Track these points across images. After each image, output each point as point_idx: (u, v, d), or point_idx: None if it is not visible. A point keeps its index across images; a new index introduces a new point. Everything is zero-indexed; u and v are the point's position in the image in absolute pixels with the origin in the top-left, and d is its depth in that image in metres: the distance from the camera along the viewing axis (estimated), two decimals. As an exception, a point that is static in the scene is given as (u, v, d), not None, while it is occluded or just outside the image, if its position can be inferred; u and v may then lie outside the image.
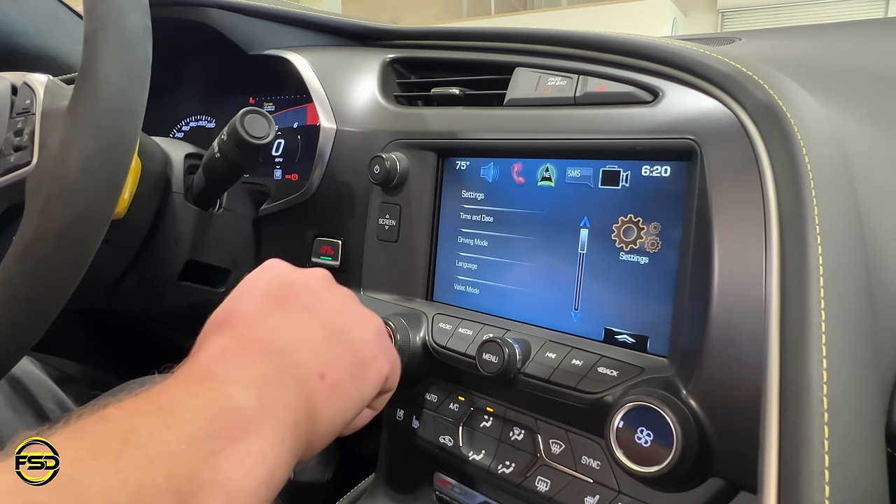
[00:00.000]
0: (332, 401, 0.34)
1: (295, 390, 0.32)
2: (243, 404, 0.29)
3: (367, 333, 0.40)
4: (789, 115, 0.36)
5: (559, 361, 0.45)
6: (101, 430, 0.25)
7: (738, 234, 0.37)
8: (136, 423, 0.26)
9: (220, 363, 0.32)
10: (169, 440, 0.25)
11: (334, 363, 0.35)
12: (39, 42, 0.92)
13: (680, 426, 0.36)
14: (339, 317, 0.39)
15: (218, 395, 0.29)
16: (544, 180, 0.50)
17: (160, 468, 0.24)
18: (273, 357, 0.34)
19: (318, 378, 0.34)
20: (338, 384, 0.35)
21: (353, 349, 0.37)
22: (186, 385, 0.30)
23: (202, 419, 0.27)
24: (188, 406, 0.28)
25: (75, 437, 0.24)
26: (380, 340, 0.41)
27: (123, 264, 0.62)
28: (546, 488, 0.46)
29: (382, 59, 0.65)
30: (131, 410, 0.27)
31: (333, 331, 0.38)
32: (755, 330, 0.35)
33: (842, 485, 0.27)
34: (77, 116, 0.41)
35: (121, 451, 0.24)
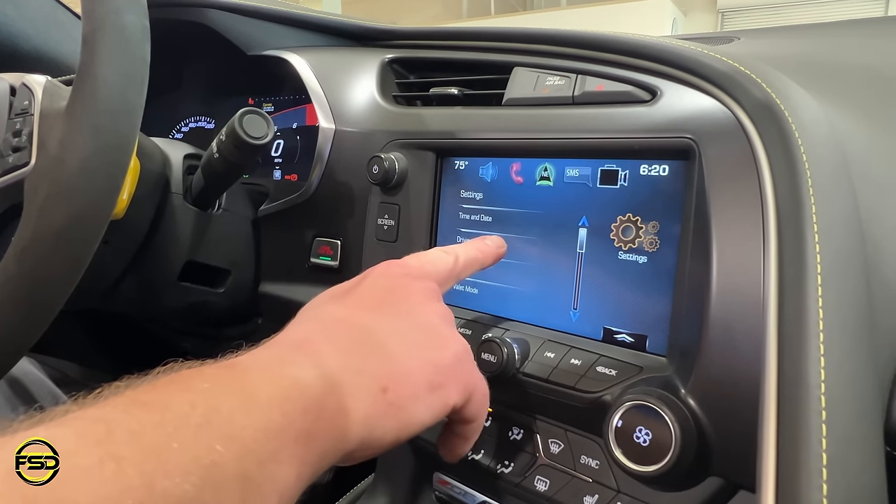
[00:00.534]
0: (387, 417, 0.33)
1: (357, 397, 0.32)
2: (314, 404, 0.29)
3: (444, 357, 0.37)
4: (787, 113, 0.36)
5: (558, 361, 0.45)
6: (188, 401, 0.25)
7: (737, 232, 0.37)
8: (220, 401, 0.26)
9: (301, 355, 0.32)
10: (246, 426, 0.26)
11: (399, 379, 0.34)
12: (39, 43, 0.92)
13: (678, 425, 0.36)
14: (419, 333, 0.37)
15: (295, 390, 0.29)
16: (543, 180, 0.50)
17: (233, 452, 0.25)
18: (346, 360, 0.33)
19: (379, 391, 0.33)
20: (397, 401, 0.33)
21: (421, 369, 0.36)
22: (268, 371, 0.30)
23: (277, 412, 0.27)
24: (267, 394, 0.28)
25: (162, 403, 0.25)
26: (456, 367, 0.38)
27: (122, 265, 0.62)
28: (545, 488, 0.46)
29: (381, 60, 0.65)
30: (217, 387, 0.27)
31: (408, 346, 0.36)
32: (753, 328, 0.35)
33: (840, 483, 0.27)
34: (75, 117, 0.41)
35: (201, 426, 0.24)
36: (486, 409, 0.41)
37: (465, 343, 0.40)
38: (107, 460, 0.21)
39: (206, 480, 0.23)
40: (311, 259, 0.65)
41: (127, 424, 0.23)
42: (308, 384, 0.30)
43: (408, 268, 0.42)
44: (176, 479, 0.22)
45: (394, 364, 0.35)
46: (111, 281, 0.62)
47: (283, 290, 0.69)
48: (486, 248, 0.47)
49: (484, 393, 0.41)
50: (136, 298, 0.65)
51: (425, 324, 0.38)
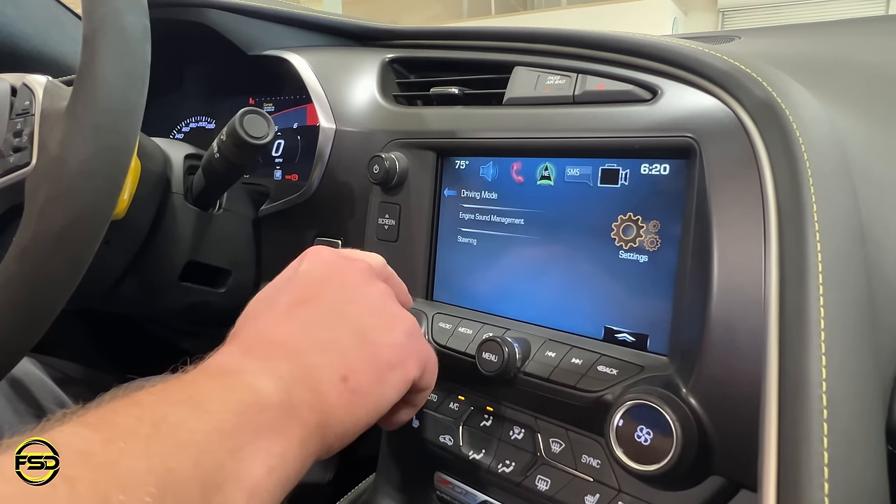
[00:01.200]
0: (353, 405, 0.34)
1: (318, 391, 0.32)
2: (270, 402, 0.29)
3: (396, 336, 0.38)
4: (788, 112, 0.36)
5: (559, 360, 0.45)
6: (133, 415, 0.25)
7: (738, 231, 0.37)
8: (166, 410, 0.26)
9: (250, 358, 0.32)
10: (197, 430, 0.26)
11: (358, 366, 0.35)
12: (39, 44, 0.92)
13: (680, 424, 0.36)
14: (367, 317, 0.38)
15: (247, 392, 0.29)
16: (543, 179, 0.50)
17: (188, 457, 0.24)
18: (298, 356, 0.33)
19: (340, 381, 0.33)
20: (359, 388, 0.34)
21: (378, 352, 0.36)
22: (217, 377, 0.30)
23: (231, 413, 0.27)
24: (218, 399, 0.28)
25: (108, 420, 0.25)
26: (409, 342, 0.39)
27: (123, 265, 0.62)
28: (546, 487, 0.46)
29: (381, 59, 0.65)
30: (162, 398, 0.27)
31: (360, 332, 0.37)
32: (755, 327, 0.35)
33: (841, 482, 0.27)
34: (76, 117, 0.41)
35: (151, 437, 0.24)
36: (435, 376, 0.42)
37: (412, 317, 0.41)
38: (58, 482, 0.21)
39: (165, 489, 0.23)
40: (312, 259, 0.65)
41: (75, 446, 0.23)
42: (261, 387, 0.30)
43: (332, 253, 0.42)
44: (132, 492, 0.22)
45: (348, 354, 0.35)
46: (112, 281, 0.62)
47: (284, 290, 0.69)
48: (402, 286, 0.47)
49: (435, 362, 0.42)
50: (137, 298, 0.65)
51: (370, 306, 0.39)
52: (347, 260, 0.41)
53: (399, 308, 0.41)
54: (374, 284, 0.41)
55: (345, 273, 0.40)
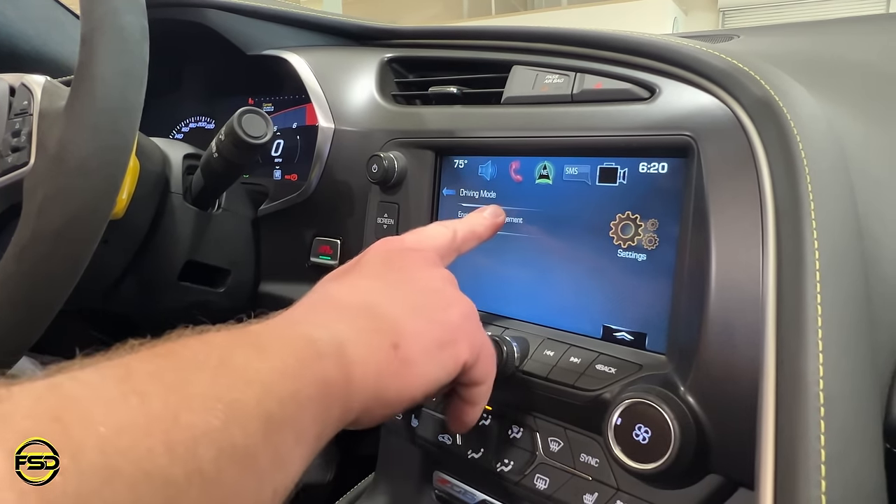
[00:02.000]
0: (401, 374, 0.34)
1: (370, 351, 0.33)
2: (327, 352, 0.30)
3: (451, 315, 0.38)
4: (786, 110, 0.36)
5: (557, 359, 0.45)
6: (202, 350, 0.26)
7: (735, 229, 0.37)
8: (233, 350, 0.27)
9: (312, 312, 0.34)
10: (261, 370, 0.26)
11: (409, 337, 0.35)
12: (39, 44, 0.92)
13: (677, 423, 0.36)
14: (423, 295, 0.38)
15: (307, 341, 0.30)
16: (542, 178, 0.50)
17: (253, 392, 0.25)
18: (355, 319, 0.34)
19: (391, 347, 0.34)
20: (409, 358, 0.34)
21: (431, 328, 0.36)
22: (279, 327, 0.31)
23: (292, 358, 0.28)
24: (280, 344, 0.29)
25: (177, 352, 0.26)
26: (464, 323, 0.39)
27: (122, 265, 0.62)
28: (545, 486, 0.46)
29: (380, 59, 0.65)
30: (229, 339, 0.28)
31: (416, 307, 0.37)
32: (752, 325, 0.34)
33: (838, 479, 0.27)
34: (74, 117, 0.41)
35: (218, 369, 0.25)
36: (493, 370, 0.41)
37: (470, 302, 0.40)
38: (129, 394, 0.22)
39: (230, 416, 0.24)
40: (311, 258, 0.65)
41: (146, 368, 0.24)
42: (319, 336, 0.30)
43: (405, 242, 0.43)
44: (201, 414, 0.23)
45: (403, 324, 0.35)
46: (111, 281, 0.62)
47: (284, 289, 0.69)
48: (484, 221, 0.47)
49: (491, 353, 0.41)
50: (136, 298, 0.65)
51: (428, 287, 0.39)
52: (412, 250, 0.42)
53: (457, 292, 0.41)
54: (435, 269, 0.41)
55: (407, 258, 0.41)
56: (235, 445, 0.23)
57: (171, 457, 0.21)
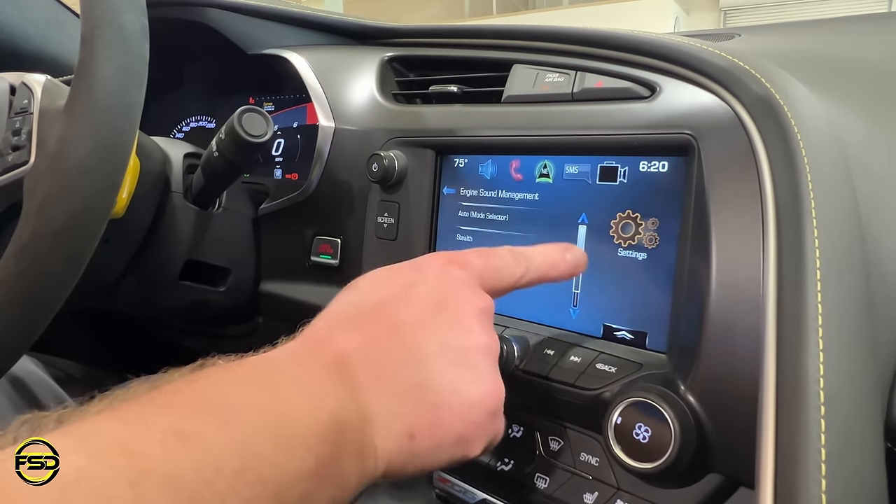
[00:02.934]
0: (406, 463, 0.32)
1: (385, 439, 0.31)
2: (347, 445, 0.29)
3: (479, 412, 0.34)
4: (786, 108, 0.36)
5: (557, 358, 0.45)
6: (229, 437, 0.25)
7: (736, 228, 0.37)
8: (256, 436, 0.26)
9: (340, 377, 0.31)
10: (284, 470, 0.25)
11: (428, 430, 0.32)
12: (40, 43, 0.92)
13: (678, 422, 0.36)
14: (465, 373, 0.34)
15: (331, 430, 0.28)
16: (542, 177, 0.50)
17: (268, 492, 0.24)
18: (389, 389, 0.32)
19: (407, 437, 0.32)
20: (420, 451, 0.32)
21: (453, 423, 0.33)
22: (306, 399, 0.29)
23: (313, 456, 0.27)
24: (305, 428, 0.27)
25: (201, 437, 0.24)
26: (487, 422, 0.35)
27: (123, 264, 0.62)
28: (545, 485, 0.46)
29: (381, 58, 0.65)
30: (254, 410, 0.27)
31: (448, 391, 0.33)
32: (753, 324, 0.34)
33: (839, 478, 0.27)
34: (74, 115, 0.41)
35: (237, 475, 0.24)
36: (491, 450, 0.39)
37: (502, 388, 0.36)
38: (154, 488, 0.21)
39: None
40: (312, 257, 0.65)
41: (163, 465, 0.22)
42: (345, 422, 0.29)
43: (469, 271, 0.38)
44: None
45: (427, 410, 0.33)
46: (111, 280, 0.62)
47: (284, 288, 0.69)
48: (563, 266, 0.41)
49: (500, 438, 0.37)
50: (137, 297, 0.65)
51: (470, 362, 0.35)
52: (473, 292, 0.37)
53: (495, 374, 0.36)
54: (485, 335, 0.36)
55: (464, 310, 0.36)
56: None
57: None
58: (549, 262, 0.41)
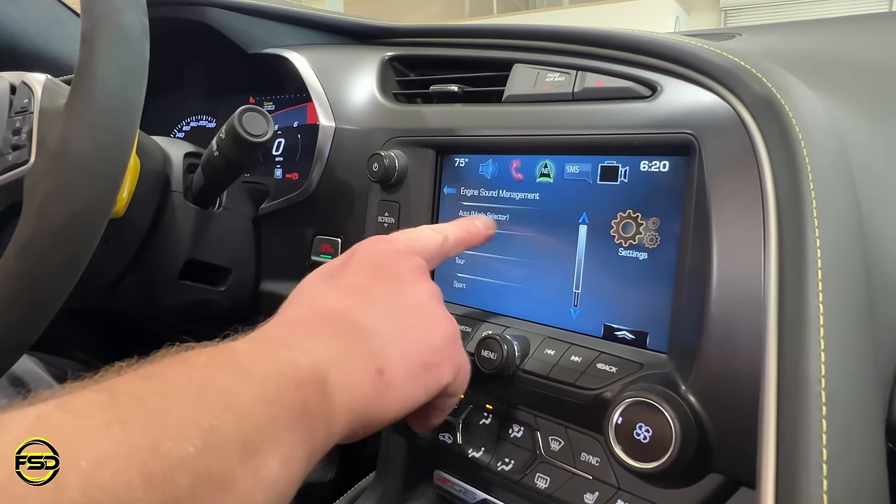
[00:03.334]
0: (385, 398, 0.34)
1: (354, 378, 0.33)
2: (309, 380, 0.30)
3: (436, 338, 0.39)
4: (787, 107, 0.36)
5: (558, 358, 0.45)
6: (185, 373, 0.27)
7: (737, 227, 0.37)
8: (214, 373, 0.27)
9: (295, 335, 0.34)
10: (241, 395, 0.27)
11: (395, 361, 0.35)
12: (40, 43, 0.92)
13: (678, 421, 0.36)
14: (415, 314, 0.39)
15: (288, 366, 0.30)
16: (543, 176, 0.50)
17: (231, 418, 0.26)
18: (340, 341, 0.34)
19: (376, 372, 0.34)
20: (393, 382, 0.35)
21: (417, 351, 0.37)
22: (263, 348, 0.31)
23: (272, 384, 0.28)
24: (262, 369, 0.29)
25: (161, 374, 0.27)
26: (447, 346, 0.39)
27: (123, 263, 0.62)
28: (545, 485, 0.46)
29: (381, 58, 0.65)
30: (212, 361, 0.29)
31: (404, 327, 0.37)
32: (754, 324, 0.34)
33: (840, 478, 0.27)
34: (74, 115, 0.41)
35: (199, 395, 0.26)
36: (466, 384, 0.42)
37: (454, 321, 0.41)
38: (112, 423, 0.23)
39: (207, 442, 0.24)
40: (312, 257, 0.65)
41: (129, 392, 0.25)
42: (302, 363, 0.31)
43: (396, 243, 0.42)
44: (178, 442, 0.24)
45: (388, 347, 0.36)
46: (112, 279, 0.62)
47: (284, 288, 0.69)
48: (475, 230, 0.47)
49: (468, 369, 0.42)
50: (137, 297, 0.65)
51: (416, 304, 0.39)
52: (401, 255, 0.41)
53: (443, 310, 0.41)
54: (424, 283, 0.41)
55: (397, 267, 0.40)
56: (211, 471, 0.24)
57: (147, 488, 0.22)
58: (462, 227, 0.47)
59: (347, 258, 0.41)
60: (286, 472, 0.28)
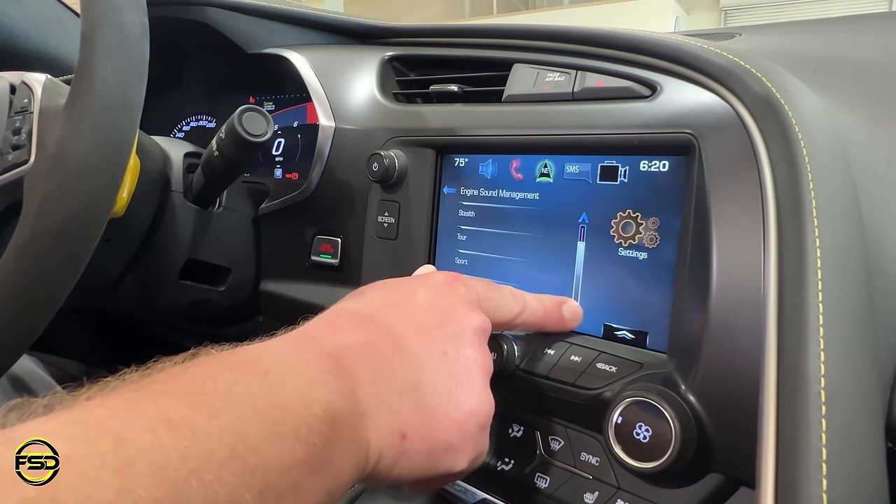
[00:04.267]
0: (395, 464, 0.32)
1: (377, 433, 0.31)
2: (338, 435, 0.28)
3: (471, 424, 0.35)
4: (787, 107, 0.36)
5: (558, 357, 0.45)
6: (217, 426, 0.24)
7: (737, 227, 0.37)
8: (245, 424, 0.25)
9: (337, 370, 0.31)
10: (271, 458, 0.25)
11: (420, 430, 0.32)
12: (40, 43, 0.92)
13: (678, 421, 0.36)
14: (460, 383, 0.35)
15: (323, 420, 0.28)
16: (543, 176, 0.50)
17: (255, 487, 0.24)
18: (380, 382, 0.32)
19: (399, 435, 0.32)
20: (409, 452, 0.32)
21: (447, 429, 0.33)
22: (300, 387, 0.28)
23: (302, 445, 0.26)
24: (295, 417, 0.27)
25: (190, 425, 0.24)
26: (476, 434, 0.35)
27: (123, 263, 0.62)
28: (545, 485, 0.46)
29: (381, 58, 0.65)
30: (243, 398, 0.26)
31: (444, 396, 0.34)
32: (754, 323, 0.34)
33: (839, 478, 0.27)
34: (74, 114, 0.41)
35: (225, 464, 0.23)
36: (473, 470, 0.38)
37: (493, 405, 0.37)
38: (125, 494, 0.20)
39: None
40: (312, 257, 0.65)
41: (151, 453, 0.22)
42: (339, 413, 0.29)
43: (471, 292, 0.39)
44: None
45: (421, 412, 0.33)
46: (112, 279, 0.62)
47: (284, 288, 0.69)
48: (556, 316, 0.44)
49: (483, 456, 0.38)
50: (137, 297, 0.65)
51: (466, 374, 0.35)
52: (466, 312, 0.37)
53: (486, 390, 0.37)
54: (482, 352, 0.37)
55: (465, 322, 0.37)
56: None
57: None
58: (543, 310, 0.43)
59: (416, 285, 0.38)
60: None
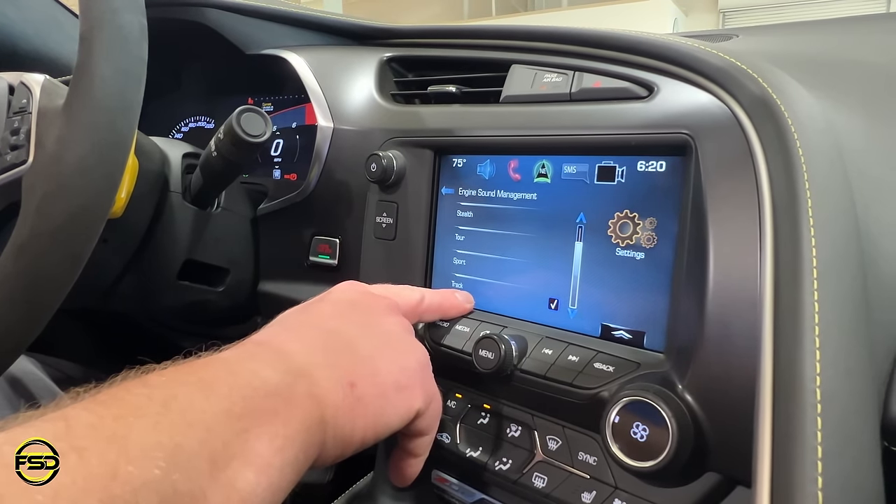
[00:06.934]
0: (356, 411, 0.34)
1: (322, 388, 0.33)
2: (276, 390, 0.30)
3: (408, 361, 0.40)
4: (783, 108, 0.36)
5: (556, 357, 0.45)
6: (144, 394, 0.26)
7: (733, 227, 0.37)
8: (176, 391, 0.27)
9: (260, 352, 0.34)
10: (206, 410, 0.27)
11: (367, 377, 0.36)
12: (39, 44, 0.92)
13: (675, 421, 0.36)
14: (387, 340, 0.40)
15: (253, 377, 0.30)
16: (540, 177, 0.50)
17: (196, 434, 0.25)
18: (313, 352, 0.35)
19: (348, 385, 0.34)
20: (364, 397, 0.35)
21: (389, 370, 0.38)
22: (226, 363, 0.31)
23: (238, 396, 0.28)
24: (226, 382, 0.29)
25: (118, 397, 0.26)
26: (419, 371, 0.40)
27: (121, 264, 0.62)
28: (543, 484, 0.46)
29: (379, 58, 0.65)
30: (173, 379, 0.28)
31: (377, 348, 0.38)
32: (750, 323, 0.35)
33: (835, 477, 0.27)
34: (72, 115, 0.41)
35: (160, 414, 0.25)
36: (437, 422, 0.43)
37: (426, 352, 0.42)
38: (67, 452, 0.22)
39: (173, 463, 0.24)
40: (310, 257, 0.65)
41: (86, 419, 0.24)
42: (269, 376, 0.31)
43: (373, 289, 0.45)
44: (140, 464, 0.23)
45: (362, 362, 0.36)
46: (110, 280, 0.62)
47: (283, 288, 0.69)
48: (453, 301, 0.50)
49: (439, 405, 0.43)
50: (136, 297, 0.65)
51: (389, 331, 0.41)
52: (373, 296, 0.44)
53: (414, 341, 0.42)
54: (394, 317, 0.43)
55: (371, 303, 0.42)
56: (178, 490, 0.24)
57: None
58: (441, 295, 0.50)
59: (322, 297, 0.43)
60: (265, 480, 0.27)
